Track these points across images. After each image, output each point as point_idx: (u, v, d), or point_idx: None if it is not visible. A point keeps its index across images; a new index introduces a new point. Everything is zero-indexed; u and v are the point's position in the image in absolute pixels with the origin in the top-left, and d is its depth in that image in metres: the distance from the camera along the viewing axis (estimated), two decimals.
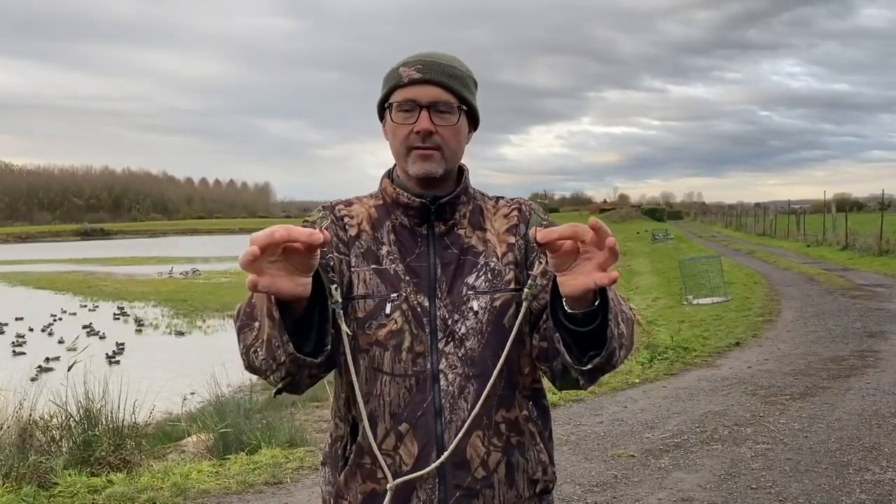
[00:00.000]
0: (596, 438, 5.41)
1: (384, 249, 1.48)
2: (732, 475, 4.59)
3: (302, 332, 1.25)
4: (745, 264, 21.07)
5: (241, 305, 1.38)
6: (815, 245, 27.24)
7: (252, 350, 1.31)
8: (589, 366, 1.30)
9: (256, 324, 1.30)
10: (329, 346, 1.28)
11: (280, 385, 1.33)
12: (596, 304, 1.25)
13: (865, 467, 4.64)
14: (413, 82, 1.44)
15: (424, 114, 1.44)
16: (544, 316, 1.42)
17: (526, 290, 1.41)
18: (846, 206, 42.43)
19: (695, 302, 13.90)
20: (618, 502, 4.25)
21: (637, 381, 7.40)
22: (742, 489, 4.36)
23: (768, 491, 4.32)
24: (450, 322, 1.44)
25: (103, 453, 4.95)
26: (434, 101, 1.44)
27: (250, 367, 1.35)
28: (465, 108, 1.49)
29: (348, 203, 1.56)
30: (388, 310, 1.43)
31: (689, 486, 4.43)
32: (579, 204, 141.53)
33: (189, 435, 6.19)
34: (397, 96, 1.46)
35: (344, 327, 1.35)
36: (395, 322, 1.43)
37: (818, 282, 15.69)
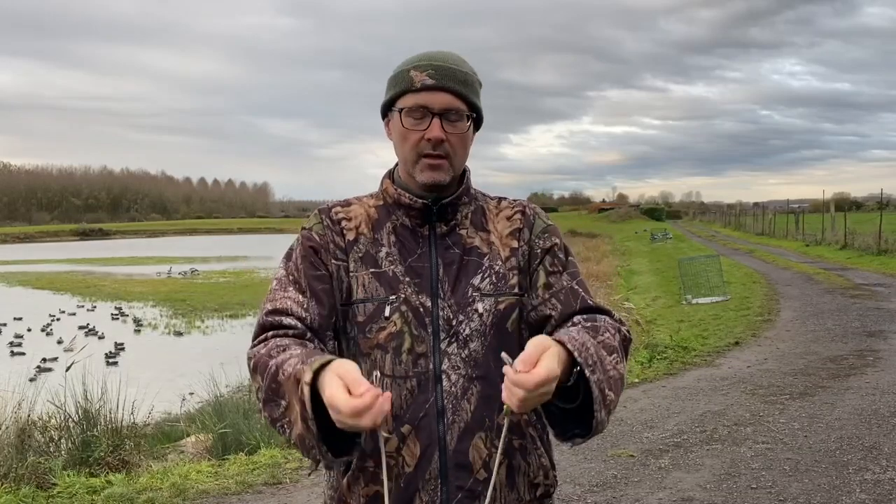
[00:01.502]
0: (595, 438, 5.40)
1: (383, 251, 1.48)
2: (732, 475, 4.59)
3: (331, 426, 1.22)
4: (745, 264, 21.08)
5: (257, 358, 1.35)
6: (814, 244, 27.27)
7: (280, 425, 1.31)
8: (569, 443, 1.35)
9: (283, 402, 1.29)
10: (361, 439, 1.28)
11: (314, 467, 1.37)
12: (573, 378, 1.28)
13: (865, 467, 4.63)
14: (426, 88, 1.43)
15: (436, 122, 1.43)
16: (547, 328, 1.45)
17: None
18: (845, 205, 42.50)
19: (694, 301, 13.90)
20: (618, 502, 4.24)
21: (636, 380, 7.40)
22: (742, 489, 4.36)
23: (768, 490, 4.31)
24: (454, 322, 1.43)
25: (102, 454, 4.94)
26: (446, 108, 1.43)
27: (273, 428, 1.35)
28: (474, 115, 1.49)
29: (346, 204, 1.55)
30: (387, 312, 1.43)
31: (689, 486, 4.43)
32: (578, 203, 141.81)
33: (188, 435, 6.19)
34: (408, 101, 1.44)
35: (383, 445, 1.29)
36: (395, 324, 1.43)
37: (817, 281, 15.71)
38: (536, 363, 1.19)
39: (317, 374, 1.20)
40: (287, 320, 1.41)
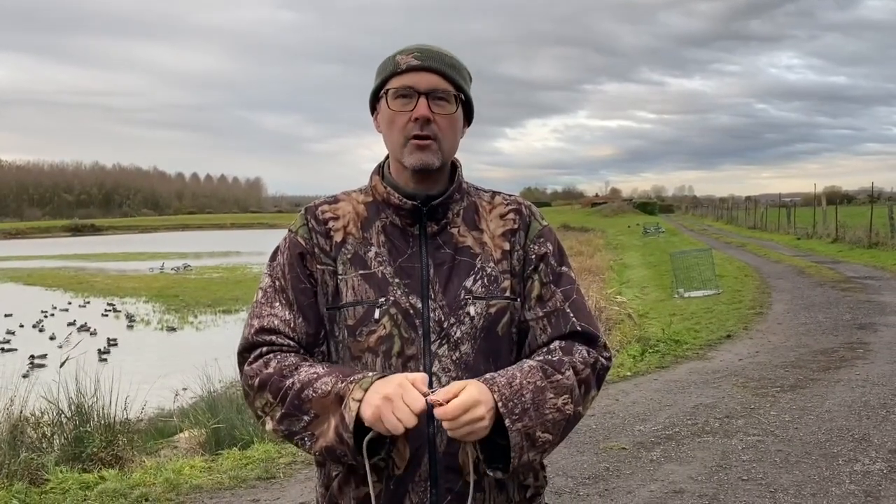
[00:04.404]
0: (588, 431, 5.43)
1: (372, 251, 1.47)
2: (723, 467, 4.62)
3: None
4: (736, 257, 21.15)
5: (263, 376, 1.39)
6: (805, 238, 27.35)
7: (300, 437, 1.37)
8: (490, 472, 1.36)
9: (307, 417, 1.35)
10: (388, 442, 1.35)
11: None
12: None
13: (855, 458, 4.67)
14: (411, 69, 1.43)
15: (423, 100, 1.42)
16: (528, 343, 1.49)
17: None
18: (836, 199, 42.62)
19: (686, 295, 13.95)
20: (610, 494, 4.27)
21: (629, 373, 7.43)
22: (733, 481, 4.39)
23: (759, 482, 4.34)
24: (445, 325, 1.43)
25: (95, 449, 4.94)
26: (433, 88, 1.43)
27: (288, 440, 1.41)
28: (462, 97, 1.47)
29: (334, 201, 1.54)
30: (376, 315, 1.42)
31: (681, 478, 4.46)
32: (571, 198, 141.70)
33: (181, 431, 6.20)
34: (394, 83, 1.44)
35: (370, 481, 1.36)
36: (385, 327, 1.42)
37: (808, 274, 15.77)
38: (457, 395, 1.27)
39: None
40: (278, 340, 1.44)
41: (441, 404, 1.26)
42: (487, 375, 1.35)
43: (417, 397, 1.25)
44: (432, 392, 1.29)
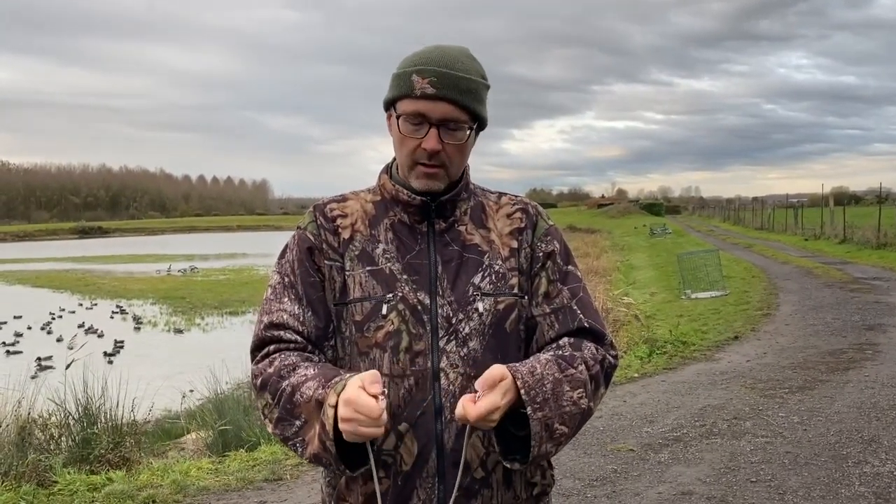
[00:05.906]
0: (595, 433, 5.42)
1: (380, 248, 1.47)
2: (732, 469, 4.60)
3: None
4: (744, 258, 21.08)
5: (265, 376, 1.40)
6: (813, 239, 27.25)
7: (292, 443, 1.37)
8: (507, 463, 1.37)
9: (298, 422, 1.35)
10: (373, 450, 1.35)
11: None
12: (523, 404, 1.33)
13: (864, 460, 4.64)
14: (425, 97, 1.40)
15: (433, 132, 1.40)
16: (535, 339, 1.48)
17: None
18: (844, 199, 42.44)
19: (693, 296, 13.91)
20: (617, 496, 4.25)
21: (636, 375, 7.41)
22: (741, 482, 4.37)
23: (768, 484, 4.32)
24: (454, 321, 1.43)
25: (102, 451, 4.95)
26: (445, 118, 1.41)
27: (284, 445, 1.43)
28: (475, 125, 1.46)
29: (342, 199, 1.54)
30: (384, 311, 1.43)
31: (689, 480, 4.44)
32: (577, 199, 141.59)
33: (188, 432, 6.21)
34: (407, 106, 1.41)
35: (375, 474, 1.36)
36: (392, 323, 1.42)
37: (816, 275, 15.71)
38: (493, 387, 1.29)
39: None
40: (286, 335, 1.44)
41: (475, 391, 1.29)
42: (510, 364, 1.35)
43: (372, 406, 1.22)
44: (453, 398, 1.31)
